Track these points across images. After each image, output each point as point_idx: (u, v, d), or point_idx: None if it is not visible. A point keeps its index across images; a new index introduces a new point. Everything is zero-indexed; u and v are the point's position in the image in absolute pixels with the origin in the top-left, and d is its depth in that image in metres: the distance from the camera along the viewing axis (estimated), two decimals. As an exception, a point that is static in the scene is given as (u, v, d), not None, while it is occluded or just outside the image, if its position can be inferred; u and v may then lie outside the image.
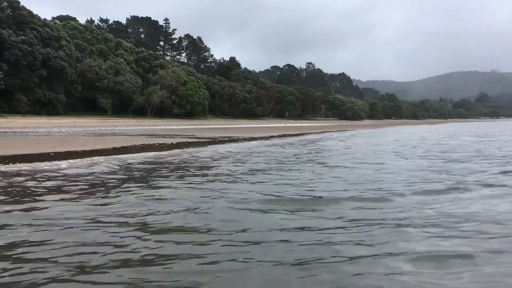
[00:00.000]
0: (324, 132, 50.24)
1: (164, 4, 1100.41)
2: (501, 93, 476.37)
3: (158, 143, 23.95)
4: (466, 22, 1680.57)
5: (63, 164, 12.37)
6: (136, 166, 12.76)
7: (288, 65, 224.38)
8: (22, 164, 12.14)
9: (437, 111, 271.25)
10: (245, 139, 30.26)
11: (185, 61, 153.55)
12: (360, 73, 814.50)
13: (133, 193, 8.22)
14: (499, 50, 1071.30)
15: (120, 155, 15.48)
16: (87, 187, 8.93)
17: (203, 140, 28.23)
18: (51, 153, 16.33)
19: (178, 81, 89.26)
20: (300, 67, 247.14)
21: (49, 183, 9.22)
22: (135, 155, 16.00)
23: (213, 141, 26.74)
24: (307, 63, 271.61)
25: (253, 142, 27.71)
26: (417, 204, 7.22)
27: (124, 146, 20.91)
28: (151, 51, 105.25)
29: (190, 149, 19.44)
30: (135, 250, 4.75)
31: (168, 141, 26.32)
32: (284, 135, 38.60)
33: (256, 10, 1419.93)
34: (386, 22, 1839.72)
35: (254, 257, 4.53)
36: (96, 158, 13.98)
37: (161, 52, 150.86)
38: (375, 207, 7.06)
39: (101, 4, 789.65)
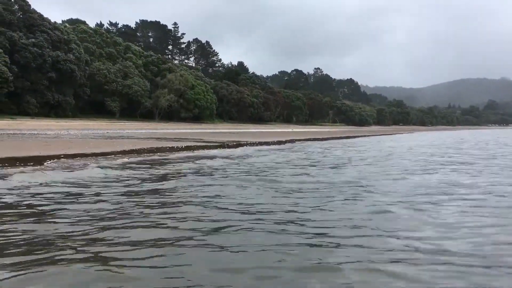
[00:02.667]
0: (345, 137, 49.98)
1: (173, 8, 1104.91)
2: (511, 101, 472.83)
3: (169, 146, 23.90)
4: (476, 28, 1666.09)
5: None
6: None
7: (295, 70, 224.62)
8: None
9: (445, 118, 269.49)
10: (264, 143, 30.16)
11: (193, 65, 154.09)
12: (368, 79, 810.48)
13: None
14: (509, 58, 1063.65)
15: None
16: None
17: (211, 144, 28.17)
18: (61, 155, 16.31)
19: (186, 85, 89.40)
20: (308, 72, 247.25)
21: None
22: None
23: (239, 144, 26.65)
24: (315, 68, 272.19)
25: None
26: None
27: (133, 149, 20.88)
28: (159, 55, 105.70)
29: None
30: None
31: (178, 144, 26.26)
32: (293, 140, 38.48)
33: (265, 13, 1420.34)
34: (395, 27, 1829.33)
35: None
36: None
37: (169, 56, 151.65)
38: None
39: (110, 8, 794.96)
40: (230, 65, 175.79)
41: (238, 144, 28.96)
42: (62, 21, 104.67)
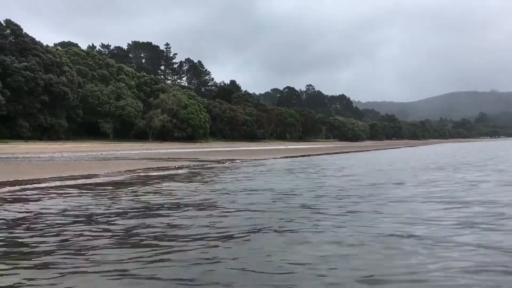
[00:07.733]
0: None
1: (165, 27, 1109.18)
2: (501, 113, 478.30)
3: (164, 166, 23.82)
4: (467, 40, 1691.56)
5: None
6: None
7: (288, 87, 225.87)
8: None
9: (437, 131, 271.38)
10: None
11: (186, 84, 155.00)
12: (360, 94, 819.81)
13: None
14: (498, 70, 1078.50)
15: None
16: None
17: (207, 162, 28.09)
18: (56, 177, 16.20)
19: (179, 105, 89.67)
20: (300, 89, 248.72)
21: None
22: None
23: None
24: (307, 85, 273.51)
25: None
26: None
27: (129, 170, 20.79)
28: (152, 75, 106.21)
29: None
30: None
31: (172, 164, 26.18)
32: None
33: (257, 31, 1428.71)
34: (388, 41, 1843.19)
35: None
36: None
37: (162, 76, 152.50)
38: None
39: (102, 30, 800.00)
40: (222, 84, 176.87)
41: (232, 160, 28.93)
42: (54, 44, 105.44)
